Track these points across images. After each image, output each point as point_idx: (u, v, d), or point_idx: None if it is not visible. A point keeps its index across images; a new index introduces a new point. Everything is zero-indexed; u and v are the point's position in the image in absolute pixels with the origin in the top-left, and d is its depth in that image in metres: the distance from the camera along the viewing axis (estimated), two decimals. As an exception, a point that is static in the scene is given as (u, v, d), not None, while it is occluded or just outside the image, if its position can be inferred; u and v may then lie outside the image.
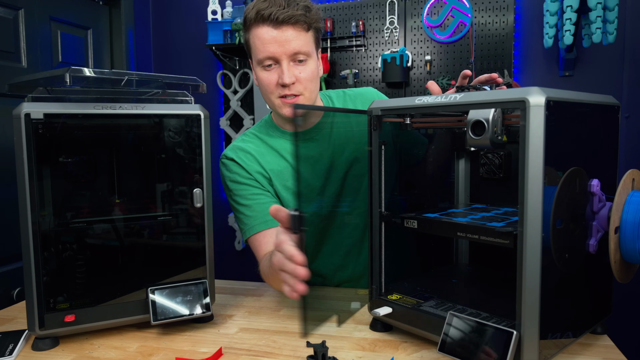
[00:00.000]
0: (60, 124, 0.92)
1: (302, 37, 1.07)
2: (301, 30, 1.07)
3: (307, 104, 1.12)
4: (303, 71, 1.09)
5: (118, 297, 0.99)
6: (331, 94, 1.29)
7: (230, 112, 2.87)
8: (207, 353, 0.90)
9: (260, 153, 1.20)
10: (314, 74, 1.11)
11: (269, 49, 1.06)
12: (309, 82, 1.10)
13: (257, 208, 1.15)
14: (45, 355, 0.92)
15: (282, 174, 1.19)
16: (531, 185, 0.69)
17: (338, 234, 1.23)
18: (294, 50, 1.06)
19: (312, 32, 1.10)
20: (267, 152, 1.20)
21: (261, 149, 1.21)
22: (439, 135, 1.13)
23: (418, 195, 1.10)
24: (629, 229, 0.79)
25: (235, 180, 1.18)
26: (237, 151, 1.20)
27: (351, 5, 2.64)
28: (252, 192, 1.17)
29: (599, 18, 1.94)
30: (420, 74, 2.57)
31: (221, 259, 1.37)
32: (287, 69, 1.07)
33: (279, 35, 1.05)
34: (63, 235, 0.94)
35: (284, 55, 1.06)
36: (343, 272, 1.25)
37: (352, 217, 1.22)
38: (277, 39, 1.05)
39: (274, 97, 1.11)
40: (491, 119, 0.77)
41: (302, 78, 1.09)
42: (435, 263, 1.13)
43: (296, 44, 1.06)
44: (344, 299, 1.17)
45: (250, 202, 1.16)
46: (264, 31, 1.06)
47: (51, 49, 2.21)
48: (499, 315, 0.81)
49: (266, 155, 1.20)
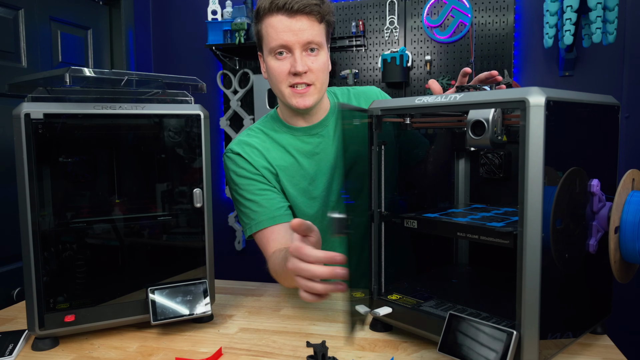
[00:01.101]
0: (60, 124, 0.92)
1: (315, 28, 1.08)
2: (314, 21, 1.08)
3: (318, 95, 1.14)
4: (315, 61, 1.10)
5: (118, 297, 0.99)
6: (336, 91, 1.30)
7: (230, 112, 2.87)
8: (207, 353, 0.90)
9: (266, 148, 1.20)
10: (325, 65, 1.13)
11: (283, 37, 1.07)
12: (321, 72, 1.12)
13: (264, 203, 1.15)
14: (45, 355, 0.92)
15: (288, 169, 1.19)
16: (531, 185, 0.69)
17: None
18: (307, 39, 1.07)
19: (325, 24, 1.11)
20: (272, 148, 1.20)
21: (267, 144, 1.21)
22: (438, 135, 1.13)
23: (418, 195, 1.10)
24: (629, 229, 0.79)
25: (242, 175, 1.17)
26: (244, 146, 1.20)
27: (351, 5, 2.64)
28: (260, 187, 1.17)
29: (599, 18, 1.94)
30: (420, 74, 2.57)
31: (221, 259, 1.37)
32: (299, 57, 1.08)
33: (293, 24, 1.06)
34: (63, 235, 0.94)
35: (297, 44, 1.07)
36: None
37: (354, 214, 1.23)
38: (291, 28, 1.06)
39: (284, 86, 1.11)
40: (491, 119, 0.77)
41: (314, 68, 1.10)
42: (435, 263, 1.13)
43: (309, 34, 1.07)
44: (343, 299, 1.17)
45: (257, 198, 1.15)
46: (278, 20, 1.07)
47: (51, 49, 2.21)
48: (499, 315, 0.81)
49: (272, 150, 1.20)
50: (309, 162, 1.20)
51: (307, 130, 1.20)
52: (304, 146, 1.20)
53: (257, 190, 1.16)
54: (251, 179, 1.17)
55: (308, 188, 1.19)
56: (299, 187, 1.19)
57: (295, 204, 1.19)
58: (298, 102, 1.11)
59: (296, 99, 1.11)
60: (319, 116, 1.21)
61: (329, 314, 1.08)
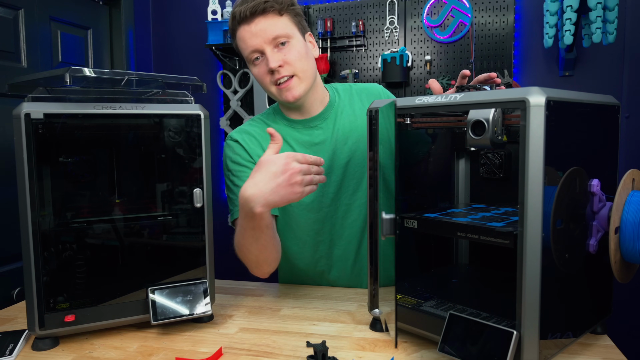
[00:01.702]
0: (60, 124, 0.92)
1: (276, 22, 1.11)
2: (274, 16, 1.11)
3: (305, 84, 1.16)
4: (287, 52, 1.12)
5: (118, 297, 0.99)
6: (338, 87, 1.32)
7: (230, 112, 2.87)
8: (207, 353, 0.90)
9: (265, 137, 1.22)
10: (301, 53, 1.14)
11: (250, 44, 1.11)
12: (298, 61, 1.13)
13: None
14: (45, 355, 0.92)
15: None
16: (531, 185, 0.69)
17: (339, 223, 1.24)
18: (271, 36, 1.10)
19: (287, 15, 1.13)
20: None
21: (266, 134, 1.23)
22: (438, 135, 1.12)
23: (418, 195, 1.10)
24: (629, 229, 0.79)
25: (236, 162, 1.20)
26: (243, 134, 1.23)
27: (351, 5, 2.64)
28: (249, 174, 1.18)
29: (599, 18, 1.94)
30: (420, 74, 2.57)
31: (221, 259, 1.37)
32: (270, 54, 1.11)
33: (253, 28, 1.10)
34: (63, 235, 0.94)
35: (264, 44, 1.11)
36: (343, 263, 1.25)
37: (353, 207, 1.24)
38: (253, 32, 1.10)
39: (270, 85, 1.15)
40: (491, 119, 0.77)
41: (289, 59, 1.12)
42: (435, 263, 1.13)
43: (272, 30, 1.10)
44: (343, 299, 1.17)
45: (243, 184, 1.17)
46: (242, 30, 1.12)
47: (51, 49, 2.21)
48: (499, 315, 0.81)
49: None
50: (306, 152, 1.21)
51: (306, 122, 1.23)
52: (302, 137, 1.23)
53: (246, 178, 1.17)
54: (243, 165, 1.20)
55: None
56: None
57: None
58: (287, 95, 1.14)
59: (285, 94, 1.14)
60: (316, 108, 1.23)
61: (329, 314, 1.08)
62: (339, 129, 1.23)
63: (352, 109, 1.26)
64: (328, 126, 1.23)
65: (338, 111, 1.25)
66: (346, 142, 1.23)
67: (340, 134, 1.23)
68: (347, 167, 1.22)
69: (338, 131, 1.23)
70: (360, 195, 1.24)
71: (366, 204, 1.24)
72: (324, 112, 1.24)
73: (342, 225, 1.24)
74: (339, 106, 1.25)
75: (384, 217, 0.85)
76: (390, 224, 0.85)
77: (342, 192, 1.23)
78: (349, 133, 1.23)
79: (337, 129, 1.23)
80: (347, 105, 1.27)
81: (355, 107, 1.27)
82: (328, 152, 1.22)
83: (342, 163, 1.22)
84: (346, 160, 1.22)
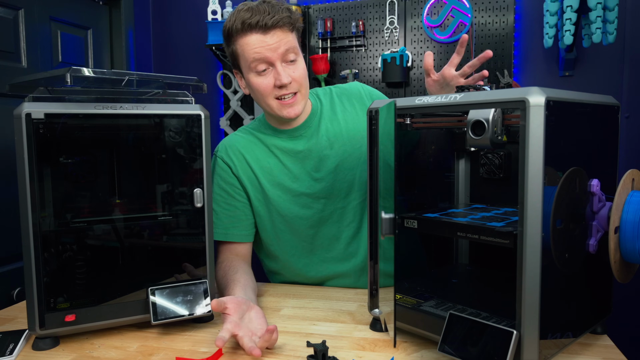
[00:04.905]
0: (61, 124, 0.92)
1: (289, 38, 1.12)
2: (287, 32, 1.12)
3: (304, 100, 1.19)
4: (296, 70, 1.14)
5: (118, 297, 0.99)
6: (318, 92, 1.34)
7: (230, 112, 2.87)
8: (207, 353, 0.90)
9: (250, 149, 1.25)
10: (305, 71, 1.17)
11: (263, 54, 1.10)
12: (303, 79, 1.16)
13: (222, 217, 1.23)
14: (45, 355, 0.92)
15: (271, 170, 1.24)
16: (531, 185, 0.69)
17: (335, 227, 1.24)
18: (284, 50, 1.11)
19: (296, 32, 1.15)
20: (257, 148, 1.25)
21: (252, 145, 1.26)
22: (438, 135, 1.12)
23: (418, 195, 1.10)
24: (629, 229, 0.79)
25: (217, 183, 1.24)
26: (228, 149, 1.26)
27: (351, 5, 2.64)
28: (226, 200, 1.23)
29: (599, 18, 1.94)
30: (420, 74, 2.57)
31: (221, 259, 1.37)
32: (282, 70, 1.12)
33: (268, 39, 1.10)
34: (63, 236, 0.94)
35: (277, 58, 1.11)
36: (342, 265, 1.26)
37: (347, 209, 1.24)
38: (268, 43, 1.10)
39: (271, 99, 1.16)
40: (491, 119, 0.77)
41: (297, 77, 1.14)
42: (435, 263, 1.13)
43: (286, 46, 1.11)
44: (343, 299, 1.17)
45: (219, 209, 1.23)
46: (254, 38, 1.10)
47: (51, 49, 2.21)
48: (499, 315, 0.81)
49: (256, 150, 1.25)
50: (291, 160, 1.24)
51: (291, 132, 1.25)
52: (287, 145, 1.24)
53: (222, 203, 1.23)
54: (223, 189, 1.23)
55: (291, 186, 1.23)
56: (281, 186, 1.23)
57: (278, 203, 1.23)
58: (289, 112, 1.16)
59: (286, 110, 1.16)
60: (301, 118, 1.25)
61: (329, 314, 1.08)
62: (323, 134, 1.25)
63: (334, 112, 1.28)
64: (312, 133, 1.25)
65: (321, 117, 1.27)
66: (332, 147, 1.24)
67: (324, 139, 1.24)
68: (336, 171, 1.23)
69: (322, 137, 1.24)
70: (354, 197, 1.24)
71: (360, 205, 1.25)
72: (308, 121, 1.25)
73: (338, 228, 1.25)
74: (321, 112, 1.27)
75: (383, 216, 0.86)
76: (390, 224, 0.85)
77: (334, 195, 1.24)
78: (334, 137, 1.25)
79: (321, 135, 1.25)
80: (329, 110, 1.28)
81: (337, 110, 1.28)
82: (314, 159, 1.24)
83: (330, 168, 1.23)
84: (335, 165, 1.23)
